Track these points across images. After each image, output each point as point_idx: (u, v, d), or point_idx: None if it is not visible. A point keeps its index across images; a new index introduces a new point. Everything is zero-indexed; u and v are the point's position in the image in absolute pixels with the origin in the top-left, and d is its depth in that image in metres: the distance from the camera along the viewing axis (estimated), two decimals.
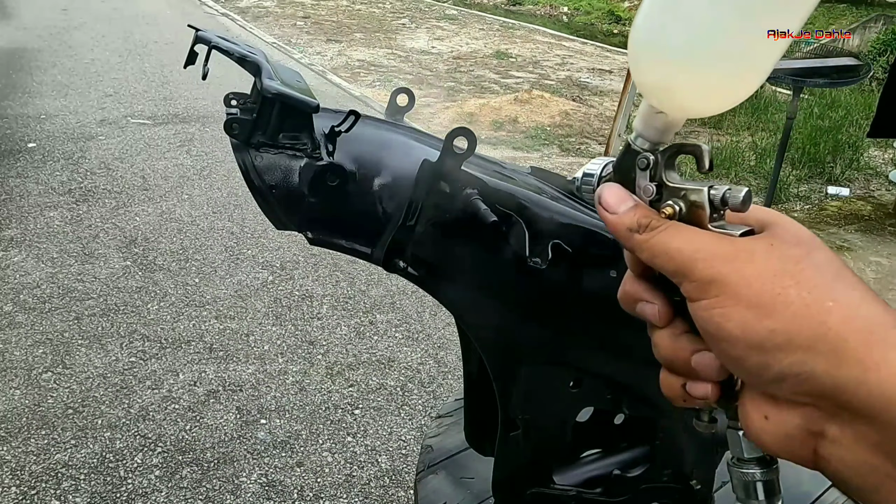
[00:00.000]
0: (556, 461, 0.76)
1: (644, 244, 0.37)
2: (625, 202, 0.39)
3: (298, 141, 0.63)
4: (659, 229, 0.37)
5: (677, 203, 0.38)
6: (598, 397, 0.74)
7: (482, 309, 0.68)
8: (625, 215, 0.39)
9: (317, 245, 0.64)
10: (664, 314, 0.39)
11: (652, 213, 0.38)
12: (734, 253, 0.35)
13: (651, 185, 0.39)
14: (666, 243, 0.36)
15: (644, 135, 0.40)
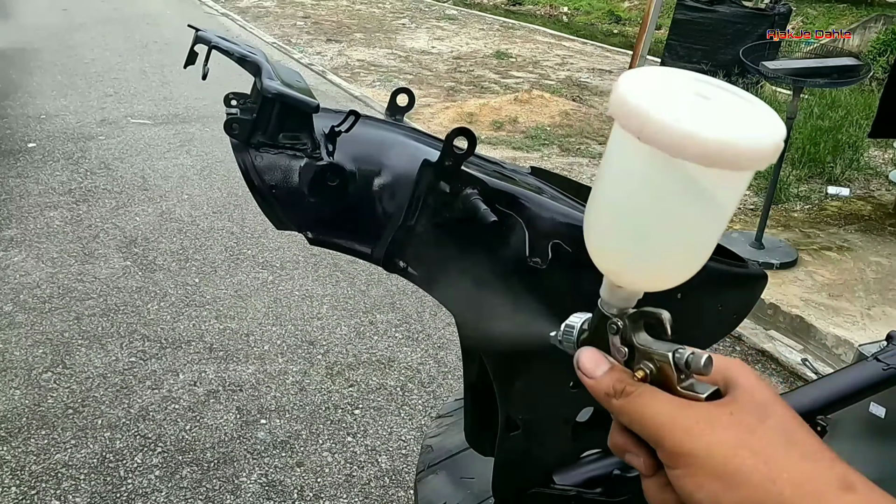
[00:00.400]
0: (556, 461, 0.76)
1: (621, 410, 0.41)
2: (600, 366, 0.43)
3: (298, 141, 0.63)
4: (633, 395, 0.41)
5: (648, 365, 0.41)
6: None
7: (482, 309, 0.68)
8: (601, 379, 0.42)
9: (317, 245, 0.64)
10: (649, 465, 0.42)
11: (626, 376, 0.42)
12: (698, 424, 0.38)
13: (623, 348, 0.43)
14: (640, 412, 0.40)
15: (610, 302, 0.44)
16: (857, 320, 2.97)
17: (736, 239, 3.64)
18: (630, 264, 0.42)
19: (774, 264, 3.36)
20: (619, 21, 13.28)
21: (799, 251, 3.55)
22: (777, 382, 2.73)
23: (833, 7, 11.45)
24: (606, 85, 7.66)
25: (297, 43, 8.91)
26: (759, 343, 2.94)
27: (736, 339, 2.98)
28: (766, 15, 6.88)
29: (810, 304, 3.07)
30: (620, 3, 13.83)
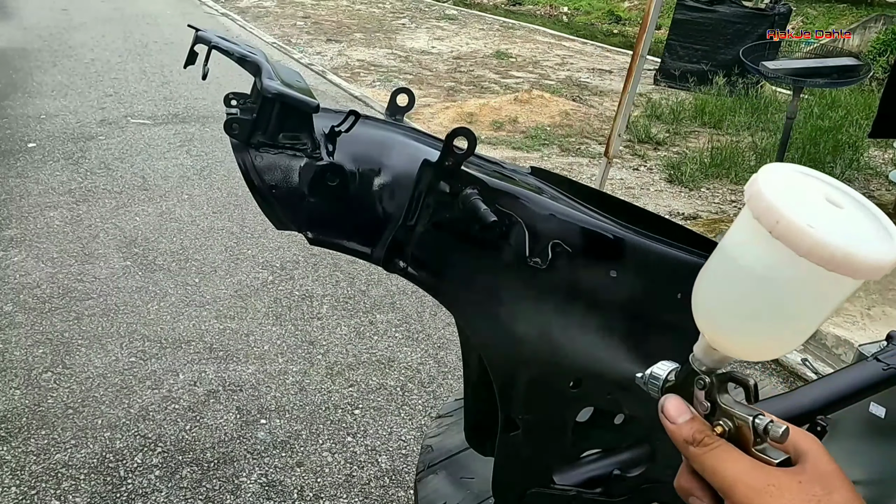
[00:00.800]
0: (556, 461, 0.76)
1: (697, 458, 0.45)
2: (683, 414, 0.47)
3: (298, 141, 0.63)
4: (710, 447, 0.45)
5: (727, 423, 0.45)
6: (598, 397, 0.74)
7: (481, 309, 0.68)
8: (683, 426, 0.46)
9: (317, 245, 0.64)
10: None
11: (705, 428, 0.46)
12: (768, 487, 0.42)
13: (707, 402, 0.47)
14: (713, 464, 0.44)
15: (702, 361, 0.48)
16: (857, 320, 2.97)
17: None
18: (734, 336, 0.46)
19: None
20: (619, 21, 13.27)
21: None
22: (777, 382, 2.73)
23: (833, 7, 11.44)
24: (606, 85, 7.67)
25: (297, 43, 8.91)
26: None
27: None
28: (766, 15, 6.88)
29: None
30: (620, 3, 13.82)
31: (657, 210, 4.12)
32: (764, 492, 0.42)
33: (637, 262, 0.68)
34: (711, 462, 0.44)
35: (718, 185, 4.76)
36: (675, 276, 0.71)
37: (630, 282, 0.69)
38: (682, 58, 7.38)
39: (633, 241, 0.68)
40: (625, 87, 3.31)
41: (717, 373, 0.47)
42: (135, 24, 9.12)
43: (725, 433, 0.45)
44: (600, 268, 0.67)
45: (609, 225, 0.68)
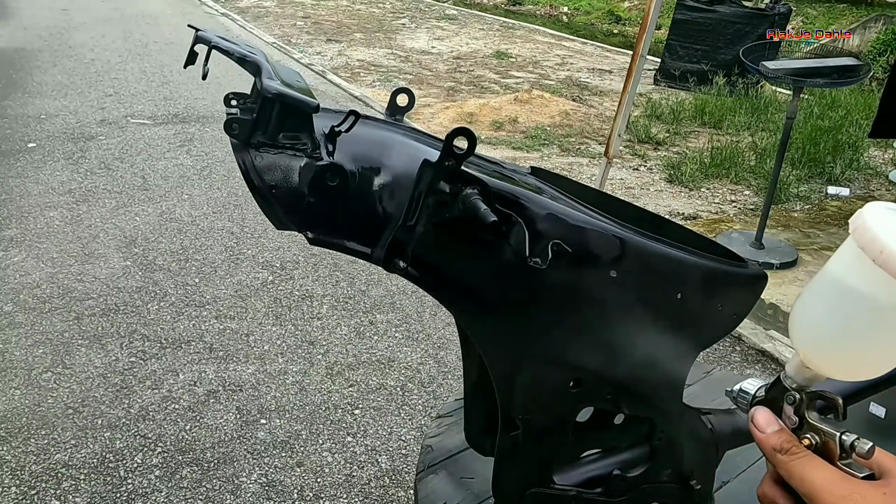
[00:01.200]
0: (556, 461, 0.76)
1: (784, 465, 0.48)
2: (772, 425, 0.50)
3: (298, 141, 0.62)
4: (798, 456, 0.48)
5: (814, 437, 0.48)
6: (598, 397, 0.74)
7: (482, 309, 0.68)
8: (772, 436, 0.49)
9: (317, 245, 0.64)
10: None
11: (793, 440, 0.49)
12: (853, 495, 0.45)
13: (795, 417, 0.50)
14: (801, 471, 0.47)
15: (794, 378, 0.52)
16: None
17: (736, 239, 3.64)
18: (830, 356, 0.49)
19: (774, 264, 3.36)
20: (619, 21, 13.28)
21: (799, 251, 3.55)
22: None
23: (833, 7, 11.44)
24: (606, 85, 7.67)
25: (297, 43, 8.91)
26: (759, 343, 2.94)
27: (736, 339, 2.98)
28: (766, 15, 6.88)
29: None
30: (620, 3, 13.82)
31: (657, 210, 4.12)
32: (849, 499, 0.44)
33: (637, 263, 0.68)
34: (799, 469, 0.47)
35: (718, 185, 4.76)
36: (675, 276, 0.71)
37: (630, 282, 0.69)
38: (682, 58, 7.38)
39: (634, 242, 0.68)
40: (625, 87, 3.31)
41: (807, 391, 0.50)
42: (135, 24, 9.12)
43: (812, 446, 0.48)
44: (600, 268, 0.67)
45: (609, 225, 0.68)
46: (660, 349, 0.74)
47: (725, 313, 0.77)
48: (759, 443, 0.50)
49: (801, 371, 0.51)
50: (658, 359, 0.75)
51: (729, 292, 0.76)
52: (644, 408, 0.77)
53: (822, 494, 0.45)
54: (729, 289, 0.76)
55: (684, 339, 0.76)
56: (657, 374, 0.76)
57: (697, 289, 0.73)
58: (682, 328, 0.75)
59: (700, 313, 0.75)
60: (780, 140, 3.40)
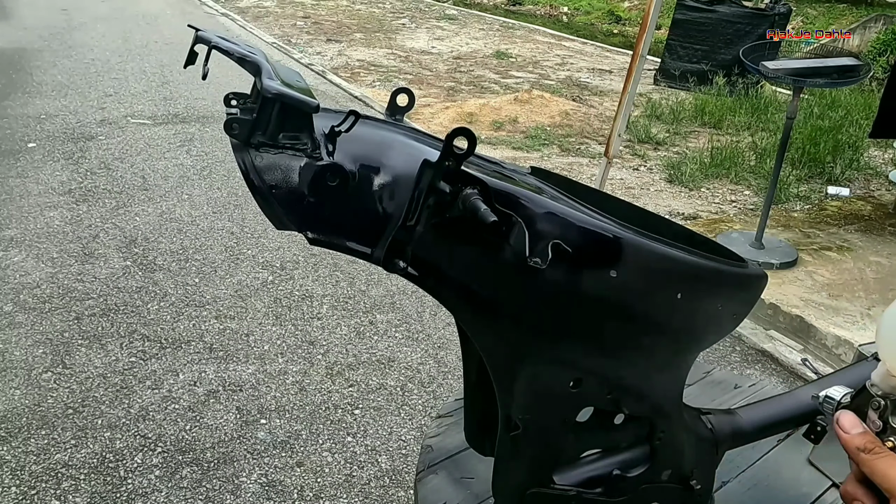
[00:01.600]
0: (556, 461, 0.76)
1: (868, 463, 0.51)
2: (856, 427, 0.53)
3: (298, 141, 0.62)
4: (880, 455, 0.50)
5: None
6: (598, 397, 0.74)
7: (482, 309, 0.68)
8: (856, 437, 0.52)
9: (317, 245, 0.64)
10: None
11: (877, 441, 0.52)
12: None
13: (879, 422, 0.53)
14: (884, 468, 0.50)
15: (880, 385, 0.54)
16: (857, 320, 2.97)
17: (736, 239, 3.64)
18: None
19: (774, 264, 3.36)
20: (619, 21, 13.28)
21: (799, 251, 3.55)
22: (777, 382, 2.73)
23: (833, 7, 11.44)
24: (606, 85, 7.67)
25: (297, 43, 8.92)
26: (759, 343, 2.94)
27: (736, 339, 2.98)
28: (766, 15, 6.88)
29: (810, 304, 3.07)
30: (620, 3, 13.82)
31: (657, 210, 4.13)
32: None
33: (637, 262, 0.68)
34: (883, 466, 0.50)
35: (718, 185, 4.76)
36: (675, 276, 0.71)
37: (630, 281, 0.69)
38: (682, 58, 7.38)
39: (634, 241, 0.68)
40: (625, 87, 3.31)
41: (892, 398, 0.53)
42: (135, 24, 9.12)
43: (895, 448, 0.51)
44: (600, 267, 0.67)
45: (609, 225, 0.68)
46: (660, 349, 0.74)
47: (725, 313, 0.77)
48: (844, 443, 0.52)
49: (887, 380, 0.54)
50: (658, 359, 0.75)
51: (729, 292, 0.76)
52: (644, 408, 0.77)
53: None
54: (729, 289, 0.76)
55: (684, 339, 0.76)
56: (657, 374, 0.76)
57: (697, 289, 0.73)
58: (681, 328, 0.75)
59: (700, 313, 0.75)
60: (780, 140, 3.40)
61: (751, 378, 1.38)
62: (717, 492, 1.02)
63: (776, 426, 0.92)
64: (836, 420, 0.55)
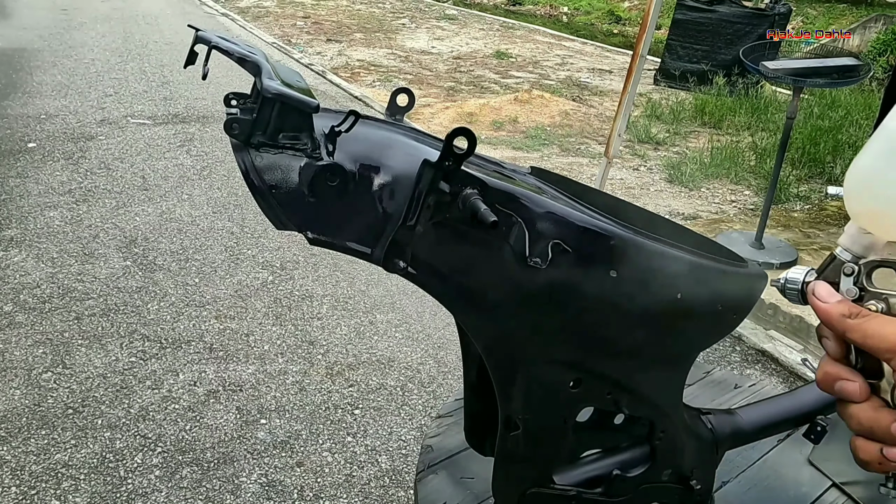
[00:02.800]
0: (556, 461, 0.76)
1: (858, 327, 0.46)
2: (834, 296, 0.49)
3: (298, 141, 0.62)
4: (870, 316, 0.47)
5: (878, 304, 0.47)
6: (598, 397, 0.74)
7: (482, 309, 0.68)
8: (837, 305, 0.48)
9: (317, 245, 0.64)
10: (864, 390, 0.47)
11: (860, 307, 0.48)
12: None
13: (854, 289, 0.49)
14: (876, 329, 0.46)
15: (850, 249, 0.50)
16: None
17: (736, 239, 3.64)
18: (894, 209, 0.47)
19: (774, 264, 3.36)
20: (619, 21, 13.28)
21: (799, 251, 3.55)
22: (777, 382, 2.73)
23: (833, 7, 11.44)
24: (606, 85, 7.67)
25: (297, 43, 8.92)
26: (759, 343, 2.94)
27: (736, 339, 2.98)
28: (766, 15, 6.88)
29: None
30: (620, 3, 13.82)
31: (657, 210, 4.13)
32: None
33: (637, 262, 0.68)
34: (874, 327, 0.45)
35: (718, 185, 4.76)
36: (674, 276, 0.71)
37: (630, 281, 0.69)
38: (682, 58, 7.38)
39: (634, 241, 0.68)
40: (625, 87, 3.31)
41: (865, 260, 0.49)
42: (135, 24, 9.12)
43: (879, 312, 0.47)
44: (600, 267, 0.67)
45: (609, 225, 0.68)
46: (660, 349, 0.74)
47: (725, 313, 0.77)
48: (825, 313, 0.48)
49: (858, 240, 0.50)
50: (658, 359, 0.75)
51: (729, 292, 0.76)
52: (644, 408, 0.77)
53: None
54: (729, 289, 0.76)
55: (684, 339, 0.76)
56: (657, 374, 0.76)
57: (697, 289, 0.73)
58: (681, 328, 0.75)
59: (700, 313, 0.75)
60: (780, 140, 3.40)
61: (751, 378, 1.38)
62: (717, 492, 1.02)
63: (776, 426, 0.92)
64: (811, 293, 0.50)
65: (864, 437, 0.47)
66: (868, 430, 0.46)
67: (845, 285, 0.49)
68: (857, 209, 0.50)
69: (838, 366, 0.49)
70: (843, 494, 1.04)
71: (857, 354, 0.48)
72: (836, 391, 0.48)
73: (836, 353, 0.49)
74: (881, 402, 0.46)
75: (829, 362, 0.49)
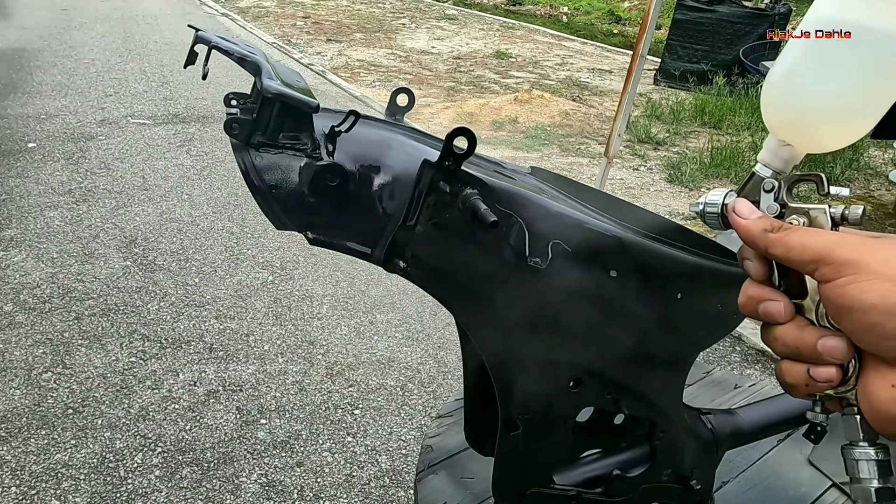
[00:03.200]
0: (556, 461, 0.76)
1: (779, 241, 0.45)
2: (755, 212, 0.48)
3: (298, 141, 0.62)
4: (792, 229, 0.45)
5: (800, 219, 0.46)
6: (598, 397, 0.74)
7: (481, 309, 0.68)
8: (758, 221, 0.47)
9: (317, 245, 0.64)
10: (789, 309, 0.45)
11: (781, 221, 0.46)
12: (865, 241, 0.42)
13: (775, 205, 0.48)
14: (800, 238, 0.44)
15: (770, 164, 0.50)
16: None
17: (736, 239, 3.62)
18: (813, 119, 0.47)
19: None
20: (619, 21, 13.27)
21: None
22: (777, 382, 2.72)
23: None
24: (606, 85, 7.67)
25: (297, 43, 8.91)
26: (759, 343, 2.94)
27: (736, 339, 2.98)
28: (766, 15, 6.88)
29: None
30: (620, 3, 13.82)
31: (657, 210, 4.13)
32: (863, 245, 0.41)
33: (637, 262, 0.68)
34: (796, 238, 0.44)
35: (718, 185, 4.76)
36: (675, 276, 0.71)
37: (630, 282, 0.69)
38: (682, 58, 7.38)
39: (634, 241, 0.68)
40: (625, 87, 3.31)
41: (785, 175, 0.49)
42: (135, 24, 9.12)
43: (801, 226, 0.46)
44: (600, 267, 0.67)
45: (609, 225, 0.68)
46: (660, 349, 0.74)
47: (725, 313, 0.77)
48: (746, 230, 0.47)
49: (777, 153, 0.49)
50: (658, 359, 0.75)
51: (729, 292, 0.76)
52: (644, 408, 0.77)
53: (832, 250, 0.42)
54: (729, 289, 0.76)
55: (684, 339, 0.76)
56: (657, 374, 0.76)
57: (697, 289, 0.73)
58: (681, 328, 0.75)
59: (700, 313, 0.75)
60: None
61: (751, 378, 1.38)
62: (717, 492, 1.02)
63: (776, 426, 0.92)
64: (731, 212, 0.48)
65: (791, 359, 0.45)
66: (794, 351, 0.45)
67: (766, 202, 0.48)
68: (775, 120, 0.49)
69: (761, 287, 0.47)
70: (843, 494, 1.04)
71: (780, 276, 0.46)
72: (759, 314, 0.47)
73: (758, 275, 0.47)
74: (806, 322, 0.45)
75: (751, 284, 0.48)
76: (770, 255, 0.46)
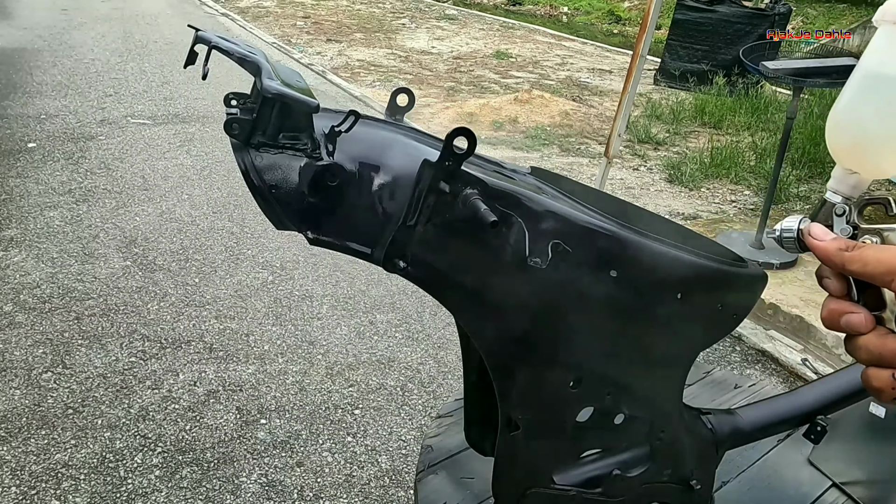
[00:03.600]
0: (556, 461, 0.76)
1: (856, 257, 0.48)
2: (830, 234, 0.51)
3: (298, 141, 0.62)
4: (867, 246, 0.49)
5: (872, 238, 0.50)
6: (598, 397, 0.74)
7: (482, 309, 0.68)
8: (833, 242, 0.50)
9: (317, 245, 0.64)
10: (869, 320, 0.49)
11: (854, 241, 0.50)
12: None
13: (848, 227, 0.51)
14: (876, 253, 0.47)
15: (838, 191, 0.53)
16: None
17: (736, 239, 3.64)
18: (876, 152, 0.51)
19: (774, 264, 3.36)
20: (619, 21, 13.27)
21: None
22: (777, 382, 2.73)
23: (833, 7, 11.44)
24: (606, 85, 7.66)
25: (297, 43, 8.91)
26: (759, 343, 2.94)
27: (736, 339, 2.98)
28: (766, 15, 6.88)
29: (810, 304, 3.07)
30: (620, 3, 13.82)
31: (657, 210, 4.13)
32: None
33: (637, 262, 0.68)
34: (874, 253, 0.47)
35: (718, 185, 4.76)
36: (675, 276, 0.71)
37: (630, 281, 0.69)
38: (682, 58, 7.38)
39: (634, 241, 0.68)
40: (625, 87, 3.31)
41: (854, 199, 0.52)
42: (135, 24, 9.12)
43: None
44: (600, 267, 0.67)
45: (609, 225, 0.68)
46: (660, 349, 0.74)
47: (725, 313, 0.77)
48: (823, 251, 0.50)
49: (844, 180, 0.52)
50: (658, 359, 0.75)
51: (729, 292, 0.76)
52: (644, 408, 0.77)
53: None
54: (729, 289, 0.76)
55: (684, 339, 0.76)
56: (657, 373, 0.76)
57: (697, 289, 0.73)
58: (681, 328, 0.75)
59: (700, 313, 0.75)
60: (780, 140, 3.40)
61: (751, 378, 1.38)
62: (717, 492, 1.02)
63: (776, 426, 0.92)
64: (807, 234, 0.52)
65: (875, 365, 0.48)
66: (878, 358, 0.48)
67: (839, 225, 0.51)
68: (840, 150, 0.52)
69: (841, 301, 0.50)
70: (843, 494, 1.04)
71: (857, 290, 0.49)
72: (842, 326, 0.49)
73: (837, 291, 0.51)
74: (886, 331, 0.48)
75: (832, 300, 0.51)
76: (847, 272, 0.49)
